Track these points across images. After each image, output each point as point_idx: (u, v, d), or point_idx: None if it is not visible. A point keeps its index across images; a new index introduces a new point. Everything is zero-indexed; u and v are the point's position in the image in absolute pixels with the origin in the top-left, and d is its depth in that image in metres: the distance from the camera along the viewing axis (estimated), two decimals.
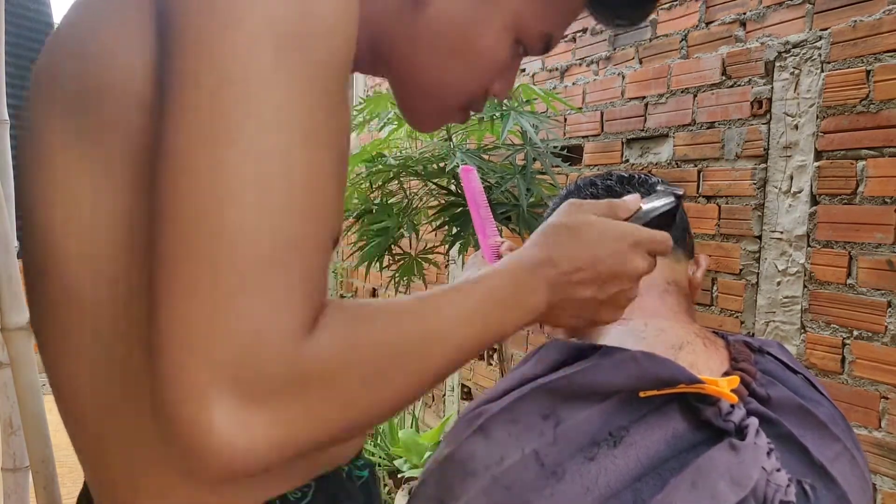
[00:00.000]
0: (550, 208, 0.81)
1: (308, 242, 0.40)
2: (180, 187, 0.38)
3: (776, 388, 0.63)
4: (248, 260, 0.37)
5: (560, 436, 0.58)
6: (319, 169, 0.41)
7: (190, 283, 0.37)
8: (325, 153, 0.41)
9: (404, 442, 2.53)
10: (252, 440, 0.37)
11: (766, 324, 1.61)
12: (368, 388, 0.42)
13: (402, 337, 0.44)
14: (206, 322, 0.37)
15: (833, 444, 0.61)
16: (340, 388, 0.41)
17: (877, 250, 1.39)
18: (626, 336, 0.67)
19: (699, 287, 0.75)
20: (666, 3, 1.87)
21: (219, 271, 0.37)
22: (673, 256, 0.74)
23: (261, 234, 0.38)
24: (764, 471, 0.55)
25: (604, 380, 0.58)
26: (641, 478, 0.55)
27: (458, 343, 0.47)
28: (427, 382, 0.47)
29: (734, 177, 1.68)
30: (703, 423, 0.58)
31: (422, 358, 0.45)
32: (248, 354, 0.37)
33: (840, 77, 1.44)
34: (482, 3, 0.57)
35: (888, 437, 1.38)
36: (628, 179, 0.77)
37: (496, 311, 0.50)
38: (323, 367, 0.40)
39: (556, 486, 0.55)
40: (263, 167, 0.38)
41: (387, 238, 1.90)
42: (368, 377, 0.42)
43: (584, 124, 2.15)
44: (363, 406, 0.42)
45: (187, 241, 0.38)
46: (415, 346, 0.45)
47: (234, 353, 0.37)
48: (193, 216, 0.37)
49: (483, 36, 0.58)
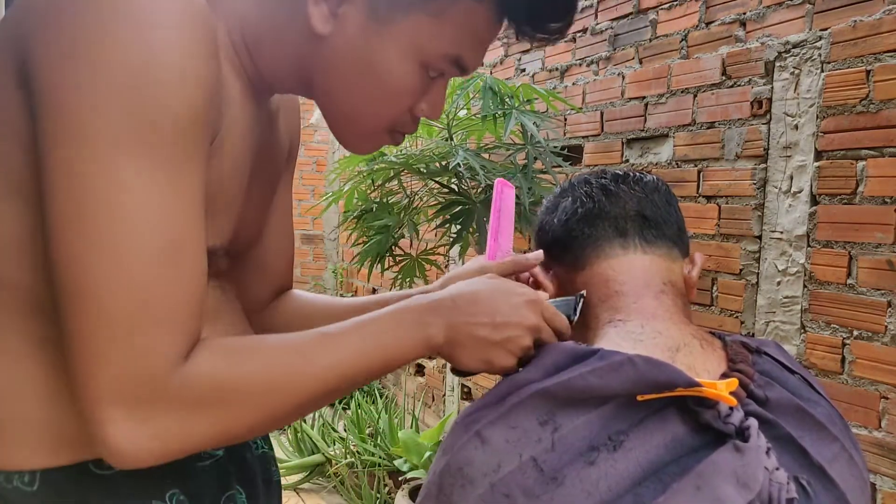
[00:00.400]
0: (545, 206, 0.80)
1: (168, 289, 0.50)
2: (61, 254, 0.49)
3: (774, 390, 0.62)
4: (119, 312, 0.48)
5: (558, 442, 0.57)
6: (172, 221, 0.50)
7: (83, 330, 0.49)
8: (175, 203, 0.50)
9: (404, 442, 2.53)
10: (137, 448, 0.49)
11: (766, 324, 1.61)
12: (235, 412, 0.53)
13: (276, 371, 0.55)
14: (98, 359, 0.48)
15: (831, 445, 0.61)
16: (207, 411, 0.52)
17: (877, 250, 1.39)
18: (622, 338, 0.67)
19: (695, 285, 0.75)
20: (666, 3, 1.87)
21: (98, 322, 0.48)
22: (669, 256, 0.73)
23: (125, 290, 0.48)
24: (766, 470, 0.55)
25: (601, 384, 0.58)
26: (642, 482, 0.55)
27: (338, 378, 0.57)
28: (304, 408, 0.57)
29: (734, 177, 1.68)
30: (702, 427, 0.58)
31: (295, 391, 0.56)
32: (128, 384, 0.49)
33: (840, 77, 1.44)
34: (373, 32, 0.61)
35: (888, 437, 1.38)
36: (623, 177, 0.76)
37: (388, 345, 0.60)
38: (191, 392, 0.51)
39: (556, 492, 0.55)
40: (120, 234, 0.48)
41: (387, 237, 1.90)
42: (235, 403, 0.53)
43: (584, 124, 2.15)
44: (231, 426, 0.53)
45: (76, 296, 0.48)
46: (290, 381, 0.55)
47: (119, 382, 0.48)
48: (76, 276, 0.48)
49: (381, 63, 0.62)
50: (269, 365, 0.55)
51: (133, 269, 0.48)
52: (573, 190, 0.77)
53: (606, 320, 0.70)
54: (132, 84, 0.48)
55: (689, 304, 0.75)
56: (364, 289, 4.07)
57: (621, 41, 2.03)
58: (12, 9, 0.54)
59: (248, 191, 0.68)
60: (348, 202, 2.03)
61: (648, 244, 0.73)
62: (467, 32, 0.63)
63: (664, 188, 0.77)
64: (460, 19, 0.62)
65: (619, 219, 0.73)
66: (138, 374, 0.49)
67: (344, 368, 0.58)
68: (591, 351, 0.61)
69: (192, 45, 0.50)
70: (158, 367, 0.49)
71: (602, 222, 0.73)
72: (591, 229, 0.73)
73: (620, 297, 0.70)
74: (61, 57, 0.48)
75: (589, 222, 0.74)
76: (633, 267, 0.72)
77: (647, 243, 0.73)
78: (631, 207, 0.73)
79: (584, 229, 0.74)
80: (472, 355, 0.63)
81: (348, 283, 4.38)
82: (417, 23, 0.61)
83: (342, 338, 0.59)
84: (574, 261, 0.74)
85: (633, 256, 0.72)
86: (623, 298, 0.70)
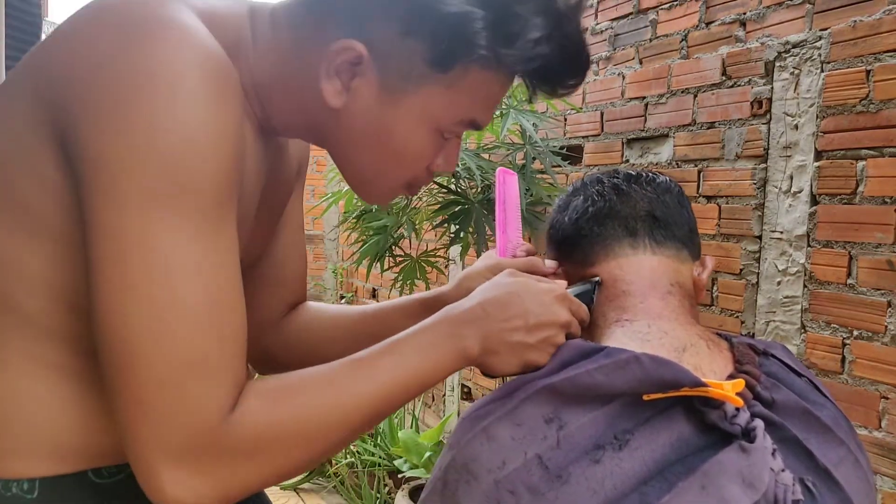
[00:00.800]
0: (557, 204, 0.80)
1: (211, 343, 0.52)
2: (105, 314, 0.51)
3: (780, 392, 0.62)
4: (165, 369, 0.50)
5: (564, 440, 0.57)
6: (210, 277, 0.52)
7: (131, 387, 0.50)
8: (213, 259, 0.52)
9: (404, 442, 2.53)
10: (195, 499, 0.51)
11: (766, 324, 1.61)
12: (286, 453, 0.55)
13: (321, 409, 0.56)
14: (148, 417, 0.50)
15: (837, 448, 0.61)
16: (261, 456, 0.53)
17: (877, 250, 1.39)
18: (629, 338, 0.67)
19: (704, 288, 0.75)
20: (666, 3, 1.87)
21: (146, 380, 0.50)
22: (678, 257, 0.73)
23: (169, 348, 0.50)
24: (772, 471, 0.55)
25: (607, 381, 0.58)
26: (648, 481, 0.55)
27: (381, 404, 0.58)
28: (351, 438, 0.59)
29: (734, 177, 1.68)
30: (708, 427, 0.58)
31: (341, 425, 0.57)
32: (180, 439, 0.50)
33: (840, 77, 1.44)
34: (387, 104, 0.62)
35: (888, 437, 1.38)
36: (635, 178, 0.76)
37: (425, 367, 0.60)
38: (241, 441, 0.52)
39: (560, 489, 0.55)
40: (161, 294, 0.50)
41: (386, 237, 1.90)
42: (286, 445, 0.54)
43: (585, 124, 2.15)
44: (283, 466, 0.55)
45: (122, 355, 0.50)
46: (335, 415, 0.56)
47: (171, 437, 0.50)
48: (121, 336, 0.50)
49: (395, 133, 0.63)
50: (314, 403, 0.56)
51: (176, 326, 0.50)
52: (585, 189, 0.77)
53: (613, 319, 0.70)
54: (168, 151, 0.50)
55: (697, 305, 0.75)
56: (364, 289, 4.07)
57: (621, 41, 2.03)
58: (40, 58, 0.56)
59: (256, 214, 0.71)
60: (348, 203, 2.03)
61: (658, 245, 0.73)
62: (480, 98, 0.64)
63: (677, 189, 0.77)
64: (473, 87, 0.62)
65: (629, 218, 0.73)
66: (189, 429, 0.50)
67: (385, 395, 0.59)
68: (598, 348, 0.62)
69: (223, 111, 0.53)
70: (208, 420, 0.51)
71: (612, 221, 0.73)
72: (601, 228, 0.74)
73: (627, 297, 0.70)
74: (99, 123, 0.50)
75: (599, 221, 0.74)
76: (642, 267, 0.72)
77: (657, 244, 0.73)
78: (642, 208, 0.73)
79: (594, 228, 0.74)
80: (507, 361, 0.63)
81: (348, 284, 4.38)
82: (430, 94, 0.61)
83: (379, 364, 0.60)
84: (583, 259, 0.74)
85: (642, 256, 0.72)
86: (630, 298, 0.70)
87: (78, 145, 0.51)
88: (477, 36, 0.57)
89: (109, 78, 0.50)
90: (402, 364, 0.60)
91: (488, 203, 1.72)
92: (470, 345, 0.62)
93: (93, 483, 0.60)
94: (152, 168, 0.50)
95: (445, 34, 0.58)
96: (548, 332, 0.63)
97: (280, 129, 0.69)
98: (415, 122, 0.63)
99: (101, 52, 0.51)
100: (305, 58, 0.62)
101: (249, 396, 0.54)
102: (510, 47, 0.59)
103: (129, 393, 0.50)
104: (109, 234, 0.50)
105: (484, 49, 0.58)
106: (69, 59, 0.53)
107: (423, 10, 0.57)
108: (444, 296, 0.86)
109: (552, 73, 0.64)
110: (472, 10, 0.56)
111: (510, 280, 0.66)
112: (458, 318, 0.63)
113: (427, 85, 0.61)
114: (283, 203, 0.83)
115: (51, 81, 0.54)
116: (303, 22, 0.62)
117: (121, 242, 0.50)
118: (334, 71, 0.60)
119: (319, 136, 0.68)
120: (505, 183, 0.82)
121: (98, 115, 0.50)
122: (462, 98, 0.62)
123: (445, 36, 0.58)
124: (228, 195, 0.54)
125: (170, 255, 0.50)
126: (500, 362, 0.63)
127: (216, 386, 0.52)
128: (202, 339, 0.51)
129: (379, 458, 2.69)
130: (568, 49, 0.62)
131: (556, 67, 0.63)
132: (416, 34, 0.58)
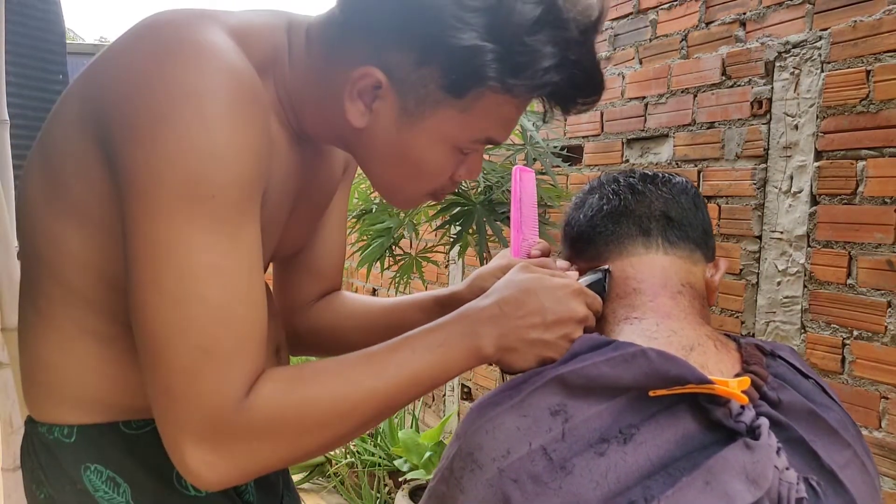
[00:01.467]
0: (573, 202, 0.81)
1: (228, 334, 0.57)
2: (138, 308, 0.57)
3: (787, 392, 0.62)
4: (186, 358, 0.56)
5: (569, 432, 0.58)
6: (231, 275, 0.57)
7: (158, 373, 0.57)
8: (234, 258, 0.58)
9: (404, 442, 2.53)
10: (217, 474, 0.57)
11: (766, 324, 1.61)
12: (300, 435, 0.60)
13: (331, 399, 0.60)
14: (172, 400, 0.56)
15: (843, 451, 0.61)
16: (273, 437, 0.58)
17: (877, 250, 1.39)
18: (637, 335, 0.67)
19: (716, 290, 0.75)
20: (666, 3, 1.87)
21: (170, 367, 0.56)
22: (690, 258, 0.74)
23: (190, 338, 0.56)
24: (776, 469, 0.55)
25: (614, 374, 0.59)
26: (651, 475, 0.55)
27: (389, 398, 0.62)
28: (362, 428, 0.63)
29: (734, 177, 1.68)
30: (713, 424, 0.58)
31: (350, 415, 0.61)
32: (199, 420, 0.56)
33: (840, 77, 1.44)
34: (406, 126, 0.66)
35: (888, 437, 1.38)
36: (651, 178, 0.77)
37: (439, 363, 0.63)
38: (255, 422, 0.57)
39: (564, 480, 0.56)
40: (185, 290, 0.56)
41: (388, 238, 1.90)
42: (299, 428, 0.59)
43: (584, 124, 2.15)
44: (299, 447, 0.60)
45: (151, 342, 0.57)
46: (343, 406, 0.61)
47: (191, 419, 0.56)
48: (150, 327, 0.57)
49: (415, 152, 0.67)
50: (324, 393, 0.60)
51: (195, 320, 0.56)
52: (601, 187, 0.78)
53: (623, 317, 0.71)
54: (194, 165, 0.55)
55: (709, 307, 0.75)
56: (364, 288, 4.07)
57: (621, 41, 2.03)
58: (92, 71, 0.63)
59: (292, 213, 0.77)
60: (349, 202, 2.03)
61: (671, 245, 0.73)
62: (495, 119, 0.67)
63: (693, 191, 0.77)
64: (487, 110, 0.65)
65: (643, 218, 0.74)
66: (207, 411, 0.56)
67: (393, 389, 0.62)
68: (608, 341, 0.62)
69: (245, 128, 0.58)
70: (224, 404, 0.56)
71: (626, 220, 0.74)
72: (616, 226, 0.74)
73: (637, 296, 0.71)
74: (135, 136, 0.56)
75: (614, 219, 0.74)
76: (653, 266, 0.72)
77: (670, 244, 0.73)
78: (657, 207, 0.74)
79: (608, 226, 0.75)
80: (525, 357, 0.65)
81: (348, 283, 4.38)
82: (445, 117, 0.65)
83: (391, 359, 0.63)
84: (596, 256, 0.75)
85: (655, 256, 0.73)
86: (640, 297, 0.71)
87: (117, 155, 0.58)
88: (487, 68, 0.60)
89: (144, 98, 0.56)
90: (412, 360, 0.63)
91: (489, 204, 1.72)
92: (485, 343, 0.64)
93: (122, 433, 0.69)
94: (179, 179, 0.55)
95: (457, 66, 0.61)
96: (566, 328, 0.65)
97: (313, 136, 0.74)
98: (432, 142, 0.67)
99: (139, 72, 0.57)
100: (333, 77, 0.66)
101: (265, 383, 0.59)
102: (519, 77, 0.61)
103: (156, 379, 0.57)
104: (142, 237, 0.56)
105: (493, 80, 0.61)
106: (112, 75, 0.59)
107: (437, 42, 0.60)
108: (458, 295, 0.90)
109: (564, 97, 0.67)
110: (482, 44, 0.59)
111: (525, 276, 0.68)
112: (475, 317, 0.65)
113: (442, 109, 0.64)
114: (327, 201, 0.88)
115: (96, 96, 0.60)
116: (332, 43, 0.66)
117: (151, 245, 0.56)
118: (357, 94, 0.65)
119: (347, 147, 0.73)
120: (522, 180, 0.81)
121: (134, 131, 0.56)
122: (477, 120, 0.65)
123: (457, 67, 0.61)
124: (250, 202, 0.60)
125: (193, 256, 0.56)
126: (518, 359, 0.65)
127: (232, 373, 0.57)
128: (219, 331, 0.57)
129: (379, 458, 2.69)
130: (579, 76, 0.64)
131: (567, 92, 0.66)
132: (431, 64, 0.62)
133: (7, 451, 1.50)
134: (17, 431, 1.48)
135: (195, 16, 0.61)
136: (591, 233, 0.75)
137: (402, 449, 2.52)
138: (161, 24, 0.60)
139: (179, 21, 0.60)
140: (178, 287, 0.56)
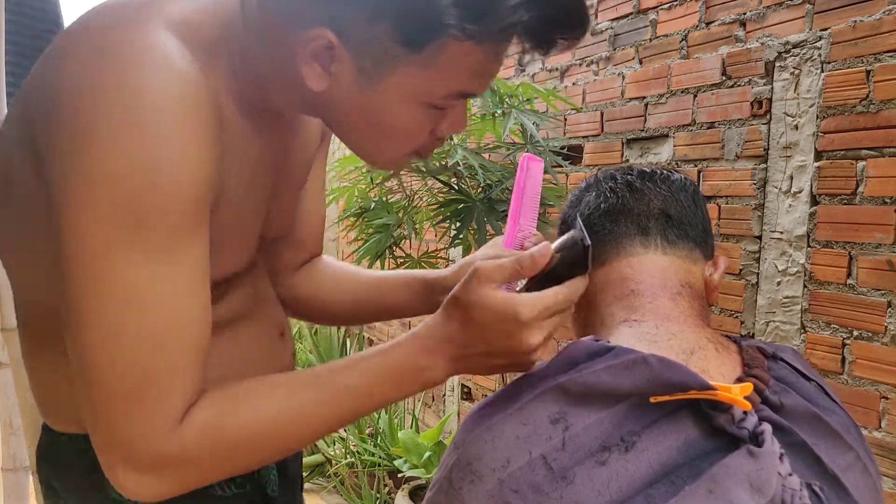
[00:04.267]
0: (569, 199, 0.79)
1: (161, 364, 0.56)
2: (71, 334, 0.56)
3: (789, 396, 0.62)
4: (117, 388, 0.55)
5: (570, 440, 0.57)
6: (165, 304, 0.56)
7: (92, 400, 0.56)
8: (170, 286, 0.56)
9: (404, 442, 2.53)
10: (150, 492, 0.58)
11: (766, 324, 1.61)
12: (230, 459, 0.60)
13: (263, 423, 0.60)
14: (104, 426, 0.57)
15: (846, 454, 0.61)
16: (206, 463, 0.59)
17: (877, 250, 1.39)
18: (636, 339, 0.66)
19: (716, 289, 0.73)
20: (666, 3, 1.87)
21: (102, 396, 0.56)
22: (690, 258, 0.72)
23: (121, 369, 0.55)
24: (780, 476, 0.54)
25: (614, 382, 0.58)
26: (654, 484, 0.55)
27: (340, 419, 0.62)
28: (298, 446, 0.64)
29: (734, 177, 1.68)
30: (715, 430, 0.58)
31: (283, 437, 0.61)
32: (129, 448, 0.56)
33: (840, 77, 1.44)
34: (367, 88, 0.61)
35: (888, 437, 1.38)
36: (650, 175, 0.75)
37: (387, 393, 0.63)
38: (184, 449, 0.58)
39: (565, 490, 0.55)
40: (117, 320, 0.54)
41: (387, 235, 1.90)
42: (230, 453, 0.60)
43: (584, 124, 2.15)
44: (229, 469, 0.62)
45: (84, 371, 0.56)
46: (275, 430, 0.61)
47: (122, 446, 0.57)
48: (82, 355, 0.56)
49: (383, 113, 0.63)
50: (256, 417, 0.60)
51: (126, 351, 0.55)
52: (598, 185, 0.76)
53: (621, 319, 0.69)
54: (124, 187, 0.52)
55: (709, 307, 0.73)
56: None
57: (621, 41, 2.03)
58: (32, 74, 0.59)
59: (275, 198, 0.75)
60: (349, 201, 2.03)
61: (670, 244, 0.71)
62: (465, 70, 0.61)
63: (692, 188, 0.75)
64: (453, 61, 0.59)
65: (642, 216, 0.72)
66: (137, 441, 0.56)
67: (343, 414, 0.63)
68: (607, 348, 0.61)
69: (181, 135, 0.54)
70: (154, 433, 0.56)
71: (625, 219, 0.72)
72: (613, 225, 0.72)
73: (636, 297, 0.69)
74: (63, 156, 0.53)
75: (612, 218, 0.72)
76: (652, 267, 0.70)
77: (669, 243, 0.71)
78: (655, 206, 0.72)
79: (605, 224, 0.73)
80: (482, 372, 0.65)
81: None
82: (408, 74, 0.60)
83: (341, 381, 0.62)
84: (594, 256, 0.73)
85: (653, 256, 0.71)
86: (639, 298, 0.69)
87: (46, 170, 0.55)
88: (444, 16, 0.55)
89: (69, 109, 0.52)
90: (359, 385, 0.62)
91: (490, 202, 1.72)
92: (435, 374, 0.63)
93: None
94: (108, 204, 0.52)
95: (411, 17, 0.56)
96: (513, 358, 0.62)
97: (281, 106, 0.70)
98: (399, 101, 0.62)
99: (65, 79, 0.53)
100: (287, 40, 0.62)
101: (199, 410, 0.59)
102: (482, 22, 0.56)
103: (89, 405, 0.57)
104: (72, 264, 0.54)
105: (454, 28, 0.56)
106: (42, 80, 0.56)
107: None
108: (444, 279, 0.89)
109: (540, 37, 0.60)
110: None
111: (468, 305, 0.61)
112: (422, 349, 0.63)
113: (402, 66, 0.59)
114: (305, 175, 0.85)
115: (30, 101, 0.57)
116: (283, 7, 0.62)
117: (81, 273, 0.54)
118: (311, 56, 0.60)
119: (316, 113, 0.69)
120: (528, 170, 0.77)
121: (59, 147, 0.53)
122: (444, 74, 0.60)
123: (411, 19, 0.56)
124: (193, 217, 0.57)
125: (124, 285, 0.54)
126: (476, 373, 0.65)
127: (165, 401, 0.57)
128: (150, 362, 0.56)
129: (379, 458, 2.69)
130: (553, 10, 0.58)
131: (542, 30, 0.59)
132: (383, 18, 0.57)
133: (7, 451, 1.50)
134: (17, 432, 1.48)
135: (132, 11, 0.57)
136: (588, 232, 0.74)
137: (402, 449, 2.52)
138: (94, 28, 0.56)
139: (113, 22, 0.56)
140: (110, 316, 0.54)
